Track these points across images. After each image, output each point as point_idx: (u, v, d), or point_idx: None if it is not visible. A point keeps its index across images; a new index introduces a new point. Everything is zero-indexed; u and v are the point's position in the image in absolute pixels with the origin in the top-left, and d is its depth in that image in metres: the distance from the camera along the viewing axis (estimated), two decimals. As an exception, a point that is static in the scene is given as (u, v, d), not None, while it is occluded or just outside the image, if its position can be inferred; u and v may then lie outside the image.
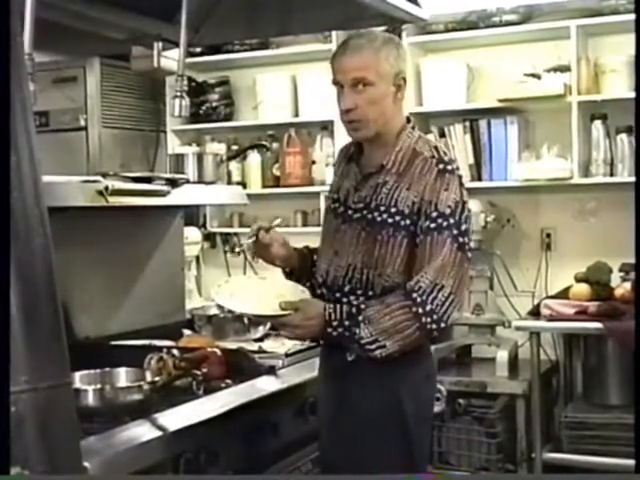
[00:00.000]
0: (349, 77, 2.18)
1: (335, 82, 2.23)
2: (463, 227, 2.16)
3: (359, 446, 2.21)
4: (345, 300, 2.22)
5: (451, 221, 2.14)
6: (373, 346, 2.12)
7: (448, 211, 2.14)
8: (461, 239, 2.15)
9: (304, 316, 2.18)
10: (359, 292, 2.22)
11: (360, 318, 2.13)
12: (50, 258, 1.48)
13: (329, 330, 2.16)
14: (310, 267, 2.43)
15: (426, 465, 2.38)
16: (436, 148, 2.23)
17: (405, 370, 2.19)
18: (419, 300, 2.10)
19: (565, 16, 4.06)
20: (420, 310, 2.09)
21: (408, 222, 2.16)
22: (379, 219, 2.19)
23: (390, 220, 2.18)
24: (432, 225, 2.13)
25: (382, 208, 2.19)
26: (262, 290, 2.33)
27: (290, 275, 2.46)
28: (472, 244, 2.23)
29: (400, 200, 2.17)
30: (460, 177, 2.21)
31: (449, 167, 2.19)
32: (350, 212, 2.26)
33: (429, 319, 2.10)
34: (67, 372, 1.53)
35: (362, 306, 2.16)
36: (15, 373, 1.40)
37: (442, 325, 2.12)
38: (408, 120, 2.31)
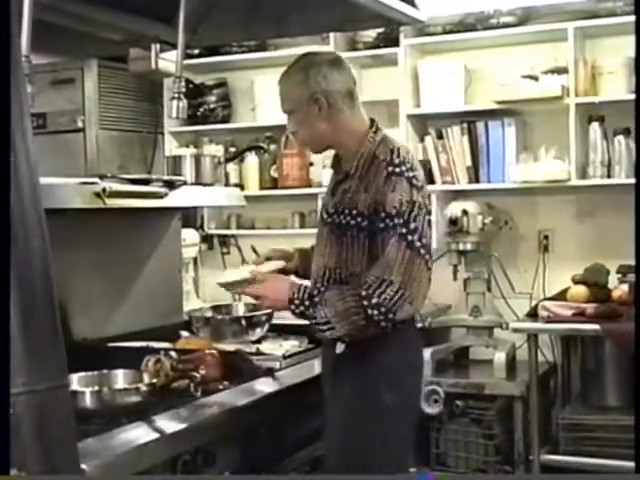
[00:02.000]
0: (281, 108, 2.45)
1: None
2: (412, 225, 2.25)
3: (346, 434, 2.31)
4: None
5: (396, 221, 2.24)
6: (325, 327, 2.27)
7: (394, 211, 2.24)
8: (410, 237, 2.24)
9: (269, 287, 2.38)
10: None
11: (317, 299, 2.28)
12: (48, 260, 1.47)
13: (292, 307, 2.32)
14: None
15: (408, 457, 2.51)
16: (392, 151, 2.33)
17: (389, 362, 2.32)
18: (364, 294, 2.21)
19: (562, 18, 4.06)
20: (365, 302, 2.21)
21: (367, 222, 2.29)
22: (344, 222, 2.34)
23: (352, 222, 2.32)
24: (381, 225, 2.26)
25: (346, 211, 2.34)
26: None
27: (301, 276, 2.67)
28: (426, 240, 2.30)
29: (360, 203, 2.31)
30: (410, 178, 2.28)
31: (397, 169, 2.28)
32: (326, 216, 2.44)
33: (376, 311, 2.20)
34: (65, 374, 1.53)
35: (322, 289, 2.32)
36: (13, 375, 1.40)
37: (390, 317, 2.21)
38: (372, 123, 2.43)
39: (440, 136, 4.30)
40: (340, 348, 2.34)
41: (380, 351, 2.31)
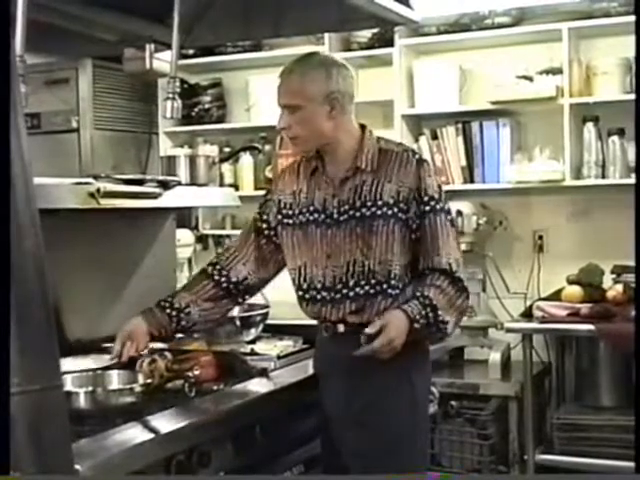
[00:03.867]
0: (282, 102, 2.43)
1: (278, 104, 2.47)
2: (446, 207, 2.43)
3: (371, 428, 2.35)
4: (352, 294, 2.36)
5: (441, 204, 2.39)
6: (444, 326, 2.32)
7: (437, 195, 2.39)
8: (449, 216, 2.43)
9: (395, 326, 2.27)
10: (363, 282, 2.36)
11: (435, 303, 2.30)
12: (42, 260, 1.47)
13: (415, 326, 2.28)
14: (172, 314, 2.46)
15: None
16: (401, 144, 2.50)
17: (416, 358, 2.39)
18: (458, 276, 2.36)
19: (557, 19, 4.07)
20: (461, 284, 2.37)
21: (396, 210, 2.35)
22: (368, 213, 2.36)
23: (379, 212, 2.35)
24: (426, 208, 2.37)
25: (369, 203, 2.36)
26: None
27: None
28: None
29: (384, 192, 2.36)
30: (430, 165, 2.46)
31: (423, 157, 2.45)
32: (336, 216, 2.40)
33: (466, 291, 2.39)
34: (58, 374, 1.52)
35: (425, 293, 2.32)
36: (7, 376, 1.39)
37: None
38: (363, 128, 2.47)
39: (435, 136, 4.30)
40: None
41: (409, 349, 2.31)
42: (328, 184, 2.43)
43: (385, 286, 2.35)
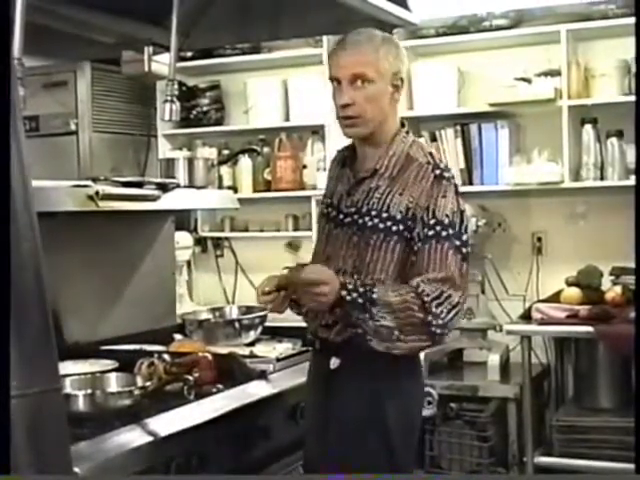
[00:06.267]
0: (348, 73, 2.15)
1: (332, 78, 2.20)
2: (464, 237, 2.14)
3: (340, 454, 2.19)
4: None
5: (451, 231, 2.10)
6: (377, 316, 2.04)
7: (447, 220, 2.11)
8: (464, 250, 2.13)
9: (317, 275, 2.06)
10: None
11: (375, 288, 2.06)
12: (39, 263, 1.47)
13: (344, 293, 2.04)
14: None
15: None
16: (431, 154, 2.21)
17: (389, 379, 2.17)
18: (426, 299, 2.04)
19: (555, 20, 4.07)
20: (427, 306, 2.04)
21: (401, 227, 2.13)
22: (370, 224, 2.16)
23: (381, 225, 2.14)
24: (430, 233, 2.10)
25: (374, 213, 2.16)
26: None
27: None
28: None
29: (392, 205, 2.14)
30: (456, 185, 2.18)
31: (446, 174, 2.16)
32: (342, 216, 2.24)
33: (434, 321, 2.05)
34: (57, 377, 1.52)
35: (372, 283, 2.09)
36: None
37: (445, 332, 2.08)
38: (402, 124, 2.29)
39: (433, 138, 4.30)
40: (335, 363, 2.19)
41: (378, 368, 2.14)
42: (348, 180, 2.26)
43: None
